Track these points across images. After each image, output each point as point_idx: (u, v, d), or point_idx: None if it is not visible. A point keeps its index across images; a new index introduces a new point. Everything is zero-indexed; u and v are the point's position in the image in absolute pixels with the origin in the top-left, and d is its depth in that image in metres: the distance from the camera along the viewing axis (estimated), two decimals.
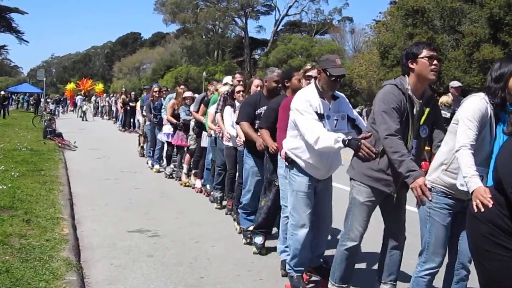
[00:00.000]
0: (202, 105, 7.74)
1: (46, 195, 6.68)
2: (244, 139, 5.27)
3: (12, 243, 4.49)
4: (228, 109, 6.09)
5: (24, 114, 26.97)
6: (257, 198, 5.12)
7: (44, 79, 27.90)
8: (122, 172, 9.94)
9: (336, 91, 3.90)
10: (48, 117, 18.02)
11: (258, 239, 4.94)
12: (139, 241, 5.30)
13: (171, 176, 9.42)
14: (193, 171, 8.44)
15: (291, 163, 3.91)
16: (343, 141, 3.36)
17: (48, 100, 37.83)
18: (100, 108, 33.32)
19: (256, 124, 5.05)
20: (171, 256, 4.82)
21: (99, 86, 41.44)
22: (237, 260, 4.77)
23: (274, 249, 5.03)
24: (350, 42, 56.31)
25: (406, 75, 3.31)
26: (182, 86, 9.51)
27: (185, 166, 8.72)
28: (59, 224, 5.32)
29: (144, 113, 10.88)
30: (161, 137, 9.59)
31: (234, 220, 6.06)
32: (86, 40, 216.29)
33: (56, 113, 28.45)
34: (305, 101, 3.68)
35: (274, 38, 56.06)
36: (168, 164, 9.67)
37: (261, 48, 60.85)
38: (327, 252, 4.38)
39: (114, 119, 25.69)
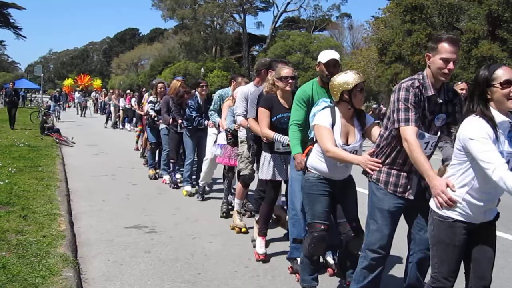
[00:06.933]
0: (261, 107, 4.66)
1: (43, 191, 6.68)
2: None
3: (8, 239, 4.49)
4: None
5: (22, 110, 26.86)
6: None
7: (42, 75, 27.82)
8: (119, 168, 9.93)
9: None
10: (41, 111, 17.92)
11: None
12: (136, 237, 5.29)
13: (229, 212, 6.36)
14: (255, 216, 5.25)
15: None
16: None
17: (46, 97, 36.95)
18: (99, 104, 33.24)
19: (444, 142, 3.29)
20: (168, 252, 4.81)
21: (97, 82, 41.42)
22: (234, 256, 4.77)
23: (271, 246, 5.04)
24: (348, 38, 56.48)
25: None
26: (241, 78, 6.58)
27: (236, 201, 5.79)
28: (56, 220, 5.31)
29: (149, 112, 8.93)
30: (215, 150, 6.57)
31: None
32: (84, 35, 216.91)
33: (56, 113, 23.98)
34: None
35: (273, 34, 55.97)
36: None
37: (260, 44, 60.77)
38: None
39: (113, 119, 22.01)
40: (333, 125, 3.53)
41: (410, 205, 3.24)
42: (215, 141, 6.73)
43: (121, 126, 21.14)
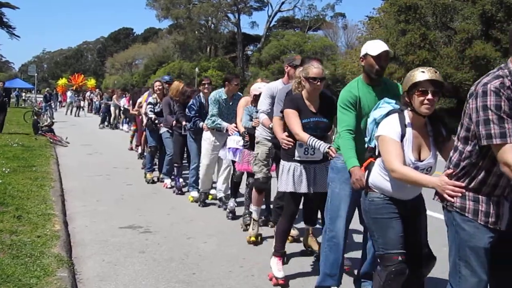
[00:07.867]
0: (289, 109, 4.07)
1: (37, 191, 6.65)
2: None
3: (3, 239, 4.47)
4: None
5: (15, 109, 26.71)
6: None
7: (36, 74, 27.64)
8: (114, 168, 9.91)
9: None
10: (35, 111, 17.77)
11: None
12: (131, 237, 5.28)
13: (231, 217, 6.23)
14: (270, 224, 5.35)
15: None
16: None
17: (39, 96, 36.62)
18: (94, 104, 33.07)
19: None
20: (163, 252, 4.81)
21: (91, 82, 41.30)
22: (229, 256, 4.77)
23: (265, 245, 5.05)
24: (343, 38, 56.67)
25: None
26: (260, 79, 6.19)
27: (253, 208, 5.38)
28: (50, 220, 5.29)
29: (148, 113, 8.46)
30: (224, 155, 6.28)
31: None
32: (78, 35, 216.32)
33: (49, 114, 20.69)
34: None
35: (267, 34, 56.05)
36: (234, 196, 6.35)
37: (254, 44, 60.84)
38: None
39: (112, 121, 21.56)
40: (402, 136, 2.84)
41: (497, 238, 2.52)
42: (224, 145, 6.28)
43: (120, 127, 20.88)
